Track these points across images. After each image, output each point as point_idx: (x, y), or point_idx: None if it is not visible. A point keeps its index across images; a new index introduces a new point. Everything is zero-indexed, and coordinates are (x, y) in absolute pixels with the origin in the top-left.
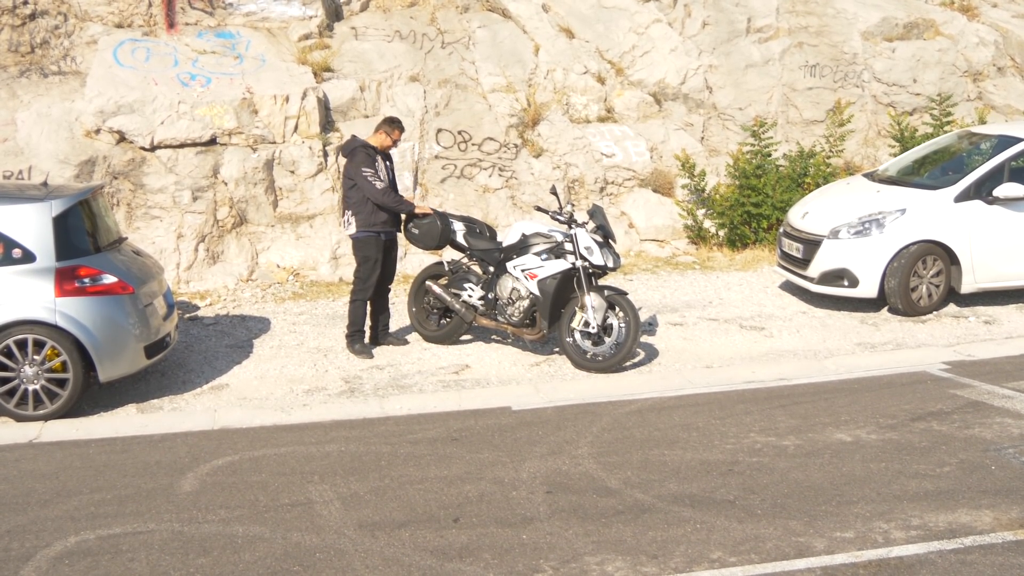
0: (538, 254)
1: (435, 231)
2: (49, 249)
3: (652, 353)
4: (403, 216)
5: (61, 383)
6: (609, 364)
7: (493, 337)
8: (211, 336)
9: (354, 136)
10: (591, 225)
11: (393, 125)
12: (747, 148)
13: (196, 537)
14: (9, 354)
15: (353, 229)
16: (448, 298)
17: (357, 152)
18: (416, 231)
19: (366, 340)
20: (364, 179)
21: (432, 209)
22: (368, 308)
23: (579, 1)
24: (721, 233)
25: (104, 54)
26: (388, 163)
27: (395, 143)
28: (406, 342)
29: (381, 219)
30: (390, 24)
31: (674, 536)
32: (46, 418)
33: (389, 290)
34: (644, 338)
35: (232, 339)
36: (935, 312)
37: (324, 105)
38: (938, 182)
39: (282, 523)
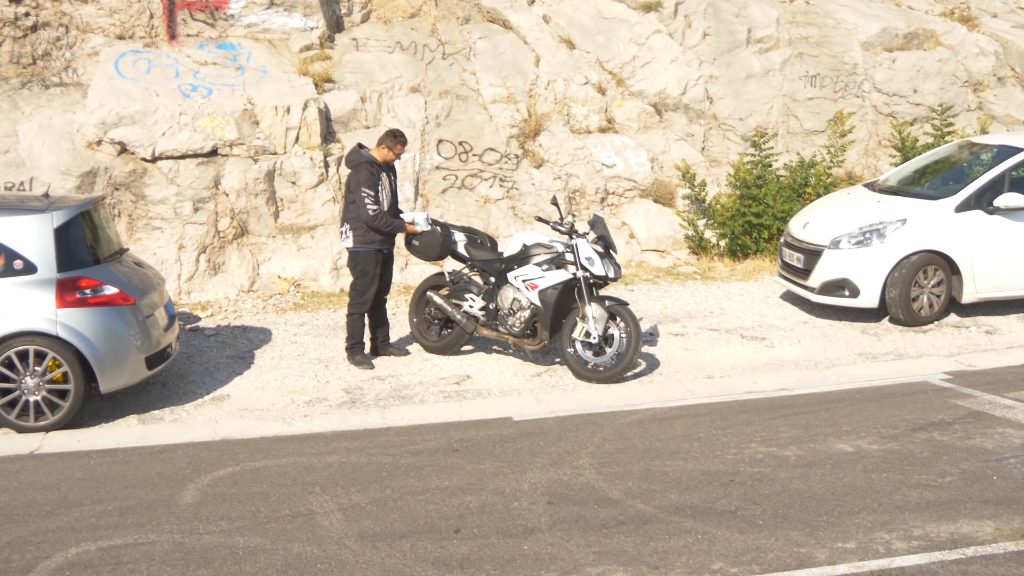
0: (539, 264)
1: (436, 243)
2: (50, 260)
3: (653, 363)
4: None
5: (62, 394)
6: (610, 374)
7: (494, 348)
8: (212, 347)
9: (359, 146)
10: (592, 235)
11: (396, 139)
12: (748, 158)
13: (197, 548)
14: (10, 365)
15: (350, 243)
16: (449, 309)
17: (361, 169)
18: (417, 243)
19: (366, 351)
20: (361, 199)
21: (433, 221)
22: (367, 320)
23: (579, 12)
24: (722, 243)
25: (105, 65)
26: (392, 176)
27: (397, 157)
28: (407, 352)
29: (377, 237)
30: (391, 35)
31: (675, 547)
32: (47, 429)
33: (386, 301)
34: (645, 348)
35: (233, 350)
36: (936, 322)
37: (325, 116)
38: (939, 192)
39: (283, 534)
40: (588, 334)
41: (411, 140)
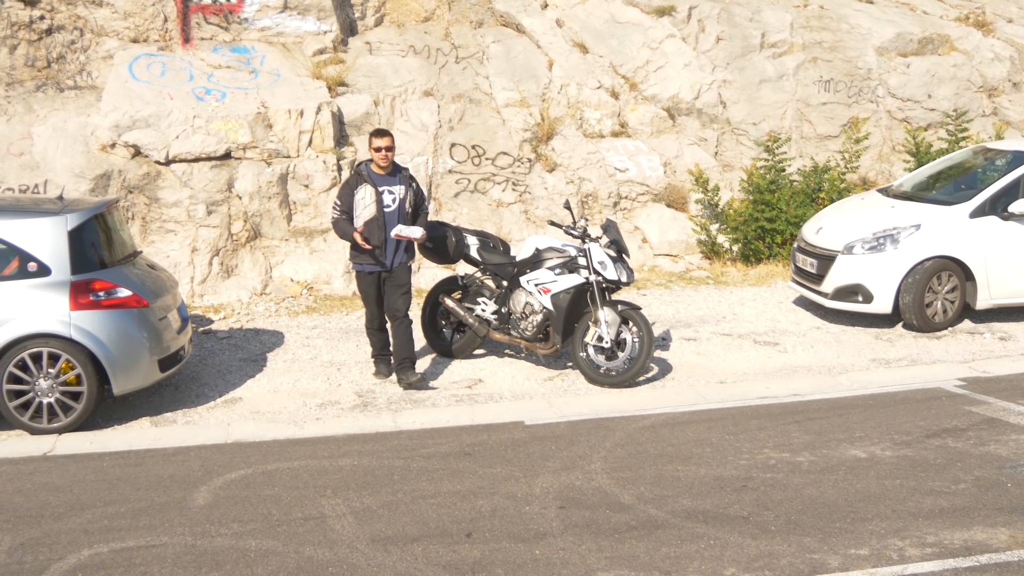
0: (551, 268)
1: (448, 246)
2: (64, 263)
3: (665, 368)
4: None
5: (75, 396)
6: (622, 379)
7: (506, 352)
8: (225, 350)
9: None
10: (605, 240)
11: (371, 136)
12: (761, 163)
13: (209, 551)
14: (24, 367)
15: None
16: (461, 312)
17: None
18: (430, 244)
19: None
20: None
21: (441, 224)
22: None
23: (593, 16)
24: (735, 248)
25: (120, 69)
26: (402, 186)
27: (378, 151)
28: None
29: (360, 255)
30: (404, 39)
31: (687, 552)
32: (60, 431)
33: (407, 318)
34: (657, 353)
35: (246, 353)
36: (950, 328)
37: (338, 120)
38: (953, 198)
39: (295, 537)
40: (600, 338)
41: (424, 144)
